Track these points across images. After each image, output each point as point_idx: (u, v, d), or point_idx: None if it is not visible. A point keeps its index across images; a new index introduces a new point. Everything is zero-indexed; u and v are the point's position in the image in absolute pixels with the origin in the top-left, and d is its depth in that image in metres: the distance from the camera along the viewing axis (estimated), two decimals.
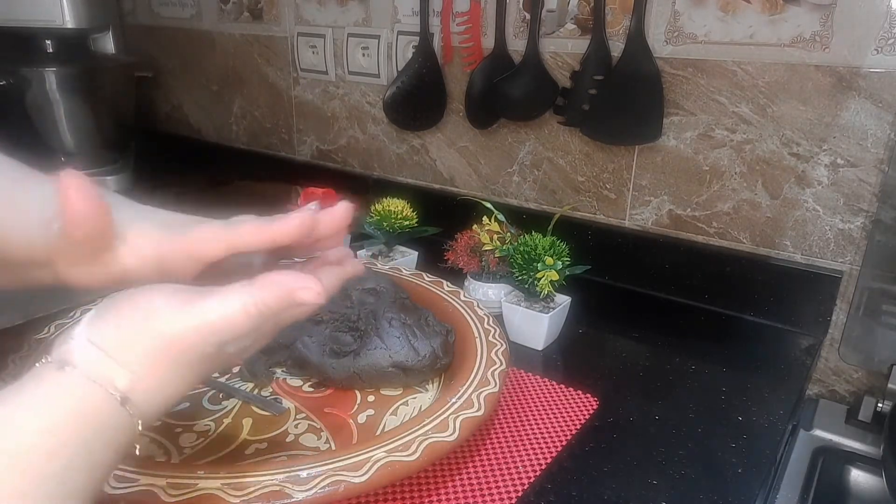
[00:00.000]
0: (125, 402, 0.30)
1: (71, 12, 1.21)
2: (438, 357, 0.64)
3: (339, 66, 1.22)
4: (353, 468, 0.46)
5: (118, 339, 0.31)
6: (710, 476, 0.57)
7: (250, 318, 0.33)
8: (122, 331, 0.31)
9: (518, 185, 1.07)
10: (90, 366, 0.30)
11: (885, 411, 0.75)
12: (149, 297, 0.33)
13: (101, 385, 0.30)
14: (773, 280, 0.86)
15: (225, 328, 0.32)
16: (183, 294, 0.33)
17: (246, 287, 0.33)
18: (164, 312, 0.32)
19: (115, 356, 0.30)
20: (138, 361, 0.31)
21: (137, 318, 0.32)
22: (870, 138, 0.77)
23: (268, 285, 0.33)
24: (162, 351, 0.31)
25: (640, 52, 0.87)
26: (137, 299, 0.33)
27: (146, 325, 0.31)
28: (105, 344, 0.31)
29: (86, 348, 0.30)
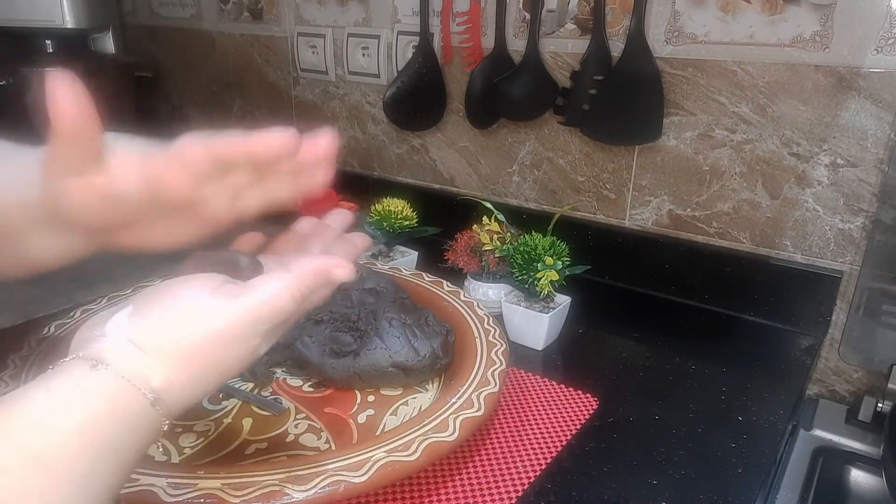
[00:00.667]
0: (157, 402, 0.30)
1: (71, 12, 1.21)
2: (438, 357, 0.64)
3: (339, 66, 1.22)
4: (353, 468, 0.46)
5: (156, 336, 0.30)
6: (710, 476, 0.57)
7: (295, 301, 0.33)
8: (162, 327, 0.30)
9: (518, 185, 1.07)
10: (126, 365, 0.29)
11: (885, 411, 0.75)
12: (189, 289, 0.32)
13: (136, 385, 0.29)
14: (773, 280, 0.86)
15: (272, 314, 0.32)
16: (225, 285, 0.33)
17: (286, 273, 0.34)
18: (209, 305, 0.31)
19: (153, 354, 0.30)
20: (175, 359, 0.30)
21: (179, 312, 0.31)
22: (870, 138, 0.77)
23: (306, 268, 0.34)
24: (204, 346, 0.31)
25: (640, 52, 0.87)
26: (177, 291, 0.32)
27: (189, 320, 0.31)
28: (144, 341, 0.30)
29: (122, 346, 0.30)
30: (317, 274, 0.34)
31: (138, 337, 0.30)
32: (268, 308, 0.32)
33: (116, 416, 0.28)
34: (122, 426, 0.28)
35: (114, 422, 0.28)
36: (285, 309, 0.33)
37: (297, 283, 0.33)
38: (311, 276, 0.34)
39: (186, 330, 0.31)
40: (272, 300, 0.32)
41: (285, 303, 0.33)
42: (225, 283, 0.33)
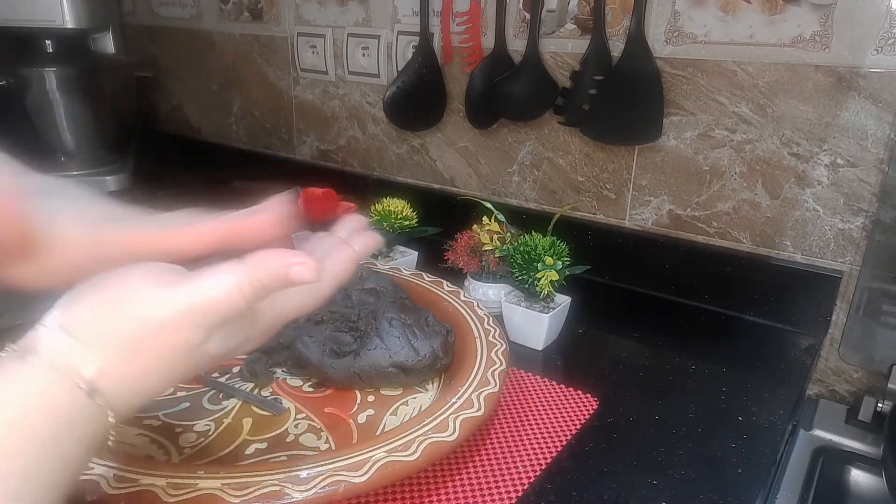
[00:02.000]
0: (93, 392, 0.27)
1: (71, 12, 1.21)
2: (438, 357, 0.64)
3: (339, 66, 1.22)
4: (353, 468, 0.46)
5: (91, 324, 0.28)
6: (710, 476, 0.57)
7: (244, 296, 0.30)
8: (98, 314, 0.28)
9: (518, 185, 1.07)
10: (55, 354, 0.27)
11: (885, 411, 0.75)
12: (131, 277, 0.29)
13: (66, 374, 0.27)
14: (773, 280, 0.86)
15: (216, 309, 0.30)
16: (170, 274, 0.30)
17: (238, 264, 0.30)
18: (148, 293, 0.29)
19: (84, 341, 0.28)
20: (112, 348, 0.28)
21: (117, 300, 0.29)
22: (870, 138, 0.77)
23: (260, 262, 0.31)
24: (142, 336, 0.28)
25: (640, 52, 0.87)
26: (119, 279, 0.30)
27: (127, 307, 0.28)
28: (76, 329, 0.28)
29: (54, 334, 0.28)
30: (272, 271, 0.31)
31: (70, 324, 0.28)
32: (213, 302, 0.29)
33: (50, 408, 0.26)
34: (59, 419, 0.27)
35: (48, 415, 0.26)
36: (232, 304, 0.30)
37: (249, 278, 0.30)
38: (266, 273, 0.30)
39: (123, 318, 0.28)
40: (218, 293, 0.29)
41: (231, 298, 0.30)
42: (170, 272, 0.30)
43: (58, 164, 1.34)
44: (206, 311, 0.29)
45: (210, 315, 0.30)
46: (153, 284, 0.29)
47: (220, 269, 0.30)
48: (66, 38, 1.29)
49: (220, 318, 0.30)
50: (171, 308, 0.29)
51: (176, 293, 0.29)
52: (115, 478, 0.43)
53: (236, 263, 0.30)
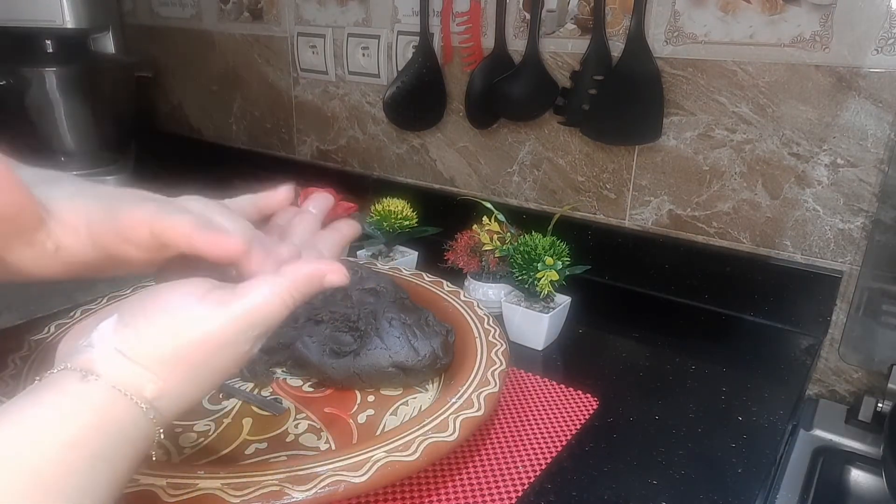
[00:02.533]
0: (150, 410, 0.29)
1: (71, 12, 1.21)
2: (438, 357, 0.64)
3: (339, 66, 1.22)
4: (353, 468, 0.46)
5: (145, 345, 0.30)
6: (710, 476, 0.57)
7: (287, 307, 0.33)
8: (150, 335, 0.30)
9: (518, 185, 1.07)
10: (117, 375, 0.29)
11: (885, 411, 0.75)
12: (176, 295, 0.31)
13: (127, 395, 0.29)
14: (773, 280, 0.86)
15: (263, 320, 0.32)
16: (216, 291, 0.32)
17: (278, 278, 0.33)
18: (200, 313, 0.31)
19: (143, 363, 0.29)
20: (166, 367, 0.30)
21: (166, 320, 0.30)
22: (870, 138, 0.77)
23: (299, 272, 0.34)
24: (199, 356, 0.30)
25: (640, 52, 0.87)
26: (164, 298, 0.31)
27: (175, 327, 0.30)
28: (132, 351, 0.29)
29: (111, 356, 0.29)
30: (309, 279, 0.34)
31: (126, 346, 0.29)
32: (258, 315, 0.32)
33: (110, 427, 0.28)
34: (116, 437, 0.28)
35: (107, 433, 0.28)
36: (276, 315, 0.33)
37: (289, 289, 0.33)
38: (304, 282, 0.34)
39: (175, 338, 0.30)
40: (262, 307, 0.32)
41: (276, 309, 0.32)
42: (213, 288, 0.32)
43: (58, 164, 1.34)
44: (255, 325, 0.32)
45: (258, 327, 0.32)
46: (203, 303, 0.31)
47: (260, 283, 0.33)
48: (66, 38, 1.29)
49: (266, 329, 0.32)
50: (225, 327, 0.31)
51: (226, 311, 0.31)
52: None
53: (275, 275, 0.33)
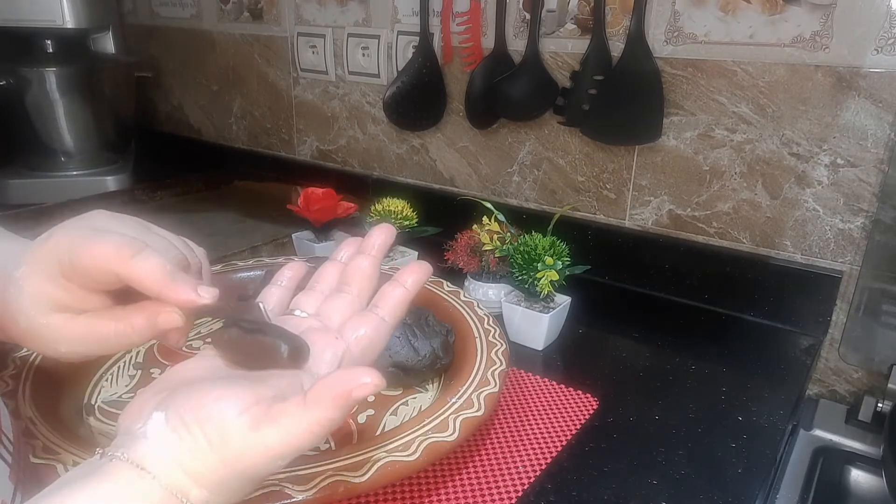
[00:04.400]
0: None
1: (71, 12, 1.21)
2: (438, 357, 0.64)
3: (339, 66, 1.22)
4: (353, 468, 0.46)
5: (194, 460, 0.31)
6: (710, 476, 0.57)
7: (315, 436, 0.33)
8: (196, 444, 0.31)
9: (518, 185, 1.07)
10: (169, 478, 0.31)
11: (885, 411, 0.75)
12: (224, 403, 0.32)
13: (177, 498, 0.31)
14: (773, 280, 0.86)
15: (291, 452, 0.33)
16: (256, 406, 0.33)
17: (304, 408, 0.33)
18: (236, 432, 0.32)
19: (191, 473, 0.31)
20: (211, 479, 0.32)
21: (210, 429, 0.32)
22: (870, 138, 0.77)
23: (325, 398, 0.33)
24: (232, 471, 0.32)
25: (640, 52, 0.87)
26: (212, 402, 0.32)
27: (220, 444, 0.32)
28: (181, 457, 0.31)
29: (165, 460, 0.31)
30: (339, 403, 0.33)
31: (178, 456, 0.31)
32: (288, 447, 0.32)
33: None
34: None
35: None
36: (307, 445, 0.33)
37: (318, 420, 0.32)
38: (333, 409, 0.33)
39: (217, 454, 0.32)
40: (294, 439, 0.32)
41: (304, 441, 0.33)
42: (256, 402, 0.33)
43: (58, 164, 1.34)
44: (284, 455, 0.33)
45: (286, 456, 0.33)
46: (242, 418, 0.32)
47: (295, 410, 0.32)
48: (66, 38, 1.29)
49: (294, 455, 0.33)
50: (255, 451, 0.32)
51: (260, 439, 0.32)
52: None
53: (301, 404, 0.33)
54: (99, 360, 0.67)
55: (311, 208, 0.95)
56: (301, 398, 0.33)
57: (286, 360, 0.35)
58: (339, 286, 0.42)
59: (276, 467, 0.33)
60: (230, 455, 0.32)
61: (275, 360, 0.35)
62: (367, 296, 0.41)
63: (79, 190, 1.31)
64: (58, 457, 0.45)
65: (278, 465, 0.33)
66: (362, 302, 0.41)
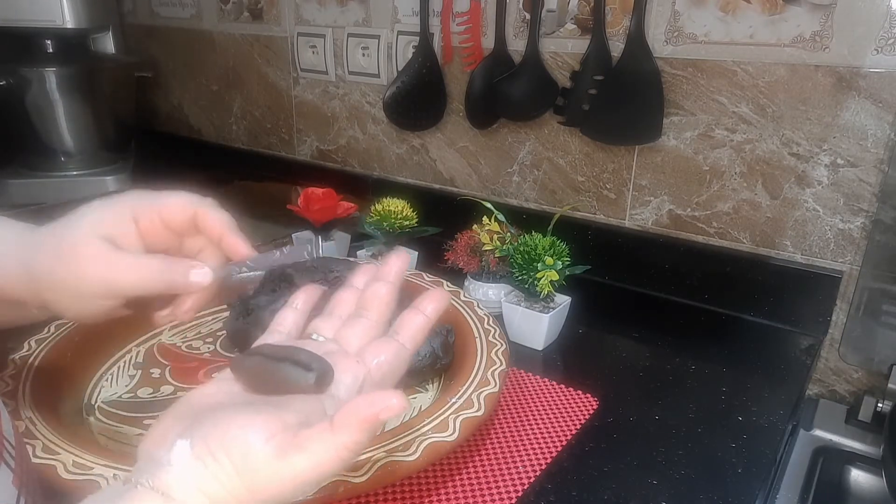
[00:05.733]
0: None
1: (71, 12, 1.21)
2: (438, 357, 0.64)
3: (339, 66, 1.22)
4: (353, 468, 0.46)
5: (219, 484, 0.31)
6: (710, 476, 0.57)
7: (343, 462, 0.32)
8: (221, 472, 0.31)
9: (518, 185, 1.07)
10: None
11: (885, 411, 0.75)
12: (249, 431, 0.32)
13: None
14: (773, 280, 0.86)
15: (319, 478, 0.33)
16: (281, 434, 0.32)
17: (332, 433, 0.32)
18: (263, 460, 0.32)
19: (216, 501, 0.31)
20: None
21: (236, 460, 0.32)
22: (870, 138, 0.77)
23: (352, 422, 0.32)
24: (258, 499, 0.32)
25: (640, 52, 0.87)
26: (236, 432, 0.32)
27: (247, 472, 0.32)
28: (206, 486, 0.31)
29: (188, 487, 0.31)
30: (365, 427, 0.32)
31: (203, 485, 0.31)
32: (315, 474, 0.32)
33: None
34: None
35: None
36: (333, 470, 0.33)
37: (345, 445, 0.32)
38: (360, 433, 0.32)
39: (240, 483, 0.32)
40: (320, 466, 0.32)
41: (332, 467, 0.32)
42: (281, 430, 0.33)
43: (58, 164, 1.34)
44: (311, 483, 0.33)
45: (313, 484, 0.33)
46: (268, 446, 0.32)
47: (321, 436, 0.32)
48: (66, 38, 1.29)
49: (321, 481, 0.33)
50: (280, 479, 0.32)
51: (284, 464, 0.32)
52: (115, 478, 0.43)
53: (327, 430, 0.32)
54: (99, 360, 0.67)
55: (311, 208, 0.95)
56: (327, 424, 0.32)
57: (312, 386, 0.35)
58: (358, 311, 0.41)
59: (303, 494, 0.33)
60: (258, 483, 0.32)
61: (299, 387, 0.35)
62: (385, 321, 0.41)
63: (79, 190, 1.31)
64: (58, 457, 0.45)
65: (306, 491, 0.33)
66: (381, 327, 0.41)
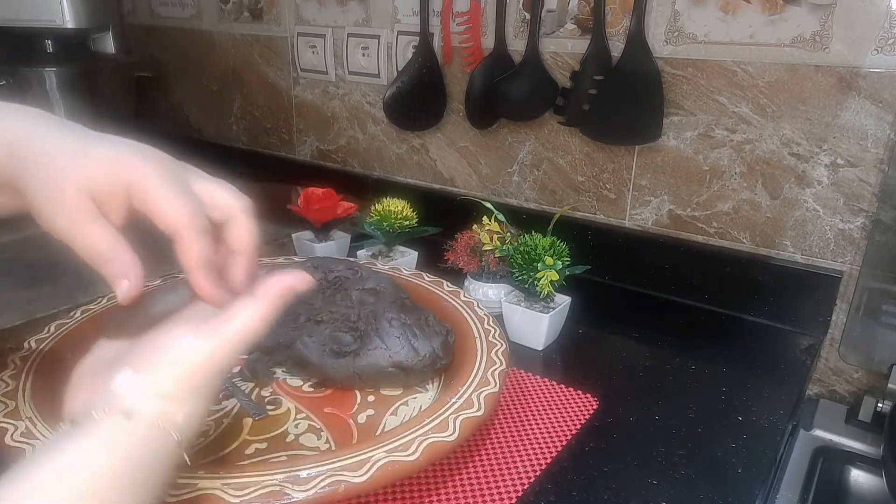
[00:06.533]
0: (178, 435, 0.36)
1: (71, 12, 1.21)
2: (438, 357, 0.64)
3: (339, 66, 1.22)
4: (353, 468, 0.46)
5: (167, 384, 0.35)
6: (710, 476, 0.57)
7: (266, 324, 0.38)
8: (168, 375, 0.36)
9: (518, 185, 1.07)
10: (153, 413, 0.35)
11: (885, 411, 0.75)
12: (176, 336, 0.37)
13: (164, 428, 0.35)
14: (773, 280, 0.86)
15: (248, 340, 0.38)
16: (204, 322, 0.37)
17: (254, 300, 0.38)
18: (193, 344, 0.36)
19: (171, 399, 0.35)
20: (189, 399, 0.36)
21: (175, 357, 0.36)
22: (870, 138, 0.77)
23: (271, 291, 0.39)
24: (200, 379, 0.36)
25: (640, 52, 0.87)
26: (167, 341, 0.37)
27: (185, 362, 0.36)
28: (155, 388, 0.35)
29: (139, 398, 0.35)
30: (283, 294, 0.39)
31: (155, 390, 0.35)
32: (245, 336, 0.38)
33: (151, 453, 0.35)
34: (155, 462, 0.35)
35: (149, 459, 0.35)
36: (259, 333, 0.38)
37: (266, 307, 0.38)
38: (279, 298, 0.39)
39: (187, 371, 0.36)
40: (248, 329, 0.38)
41: (259, 328, 0.38)
42: (204, 320, 0.37)
43: None
44: (240, 344, 0.38)
45: (246, 346, 0.38)
46: (199, 336, 0.37)
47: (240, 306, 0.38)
48: (66, 38, 1.29)
49: (250, 344, 0.38)
50: (218, 353, 0.37)
51: (220, 337, 0.37)
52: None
53: (251, 298, 0.38)
54: None
55: (311, 208, 0.95)
56: (251, 297, 0.38)
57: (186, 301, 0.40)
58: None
59: (237, 356, 0.38)
60: (199, 360, 0.36)
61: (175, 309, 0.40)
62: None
63: None
64: None
65: (239, 352, 0.38)
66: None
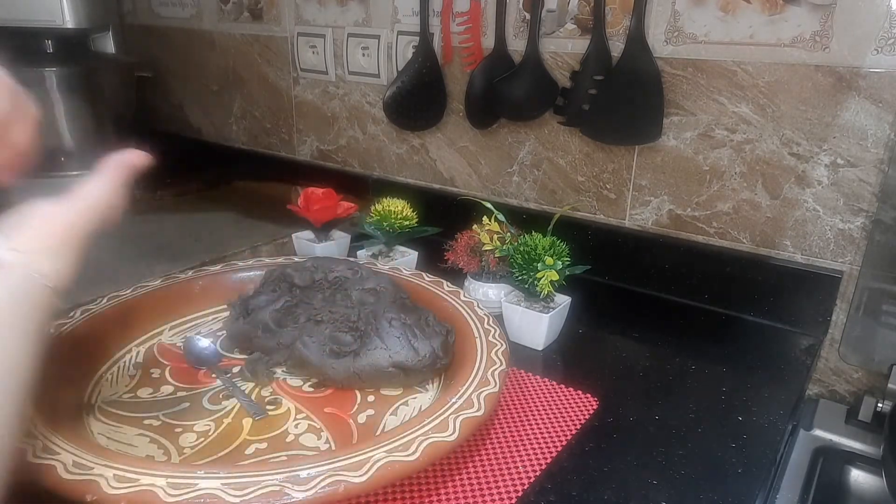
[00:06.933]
0: (48, 282, 0.41)
1: (71, 12, 1.21)
2: (438, 357, 0.64)
3: (339, 66, 1.22)
4: (353, 468, 0.46)
5: (37, 240, 0.42)
6: (710, 476, 0.57)
7: (112, 191, 0.47)
8: (37, 233, 0.42)
9: (518, 185, 1.07)
10: (23, 263, 0.40)
11: (885, 411, 0.75)
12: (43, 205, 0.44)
13: (34, 274, 0.40)
14: (773, 280, 0.86)
15: (99, 205, 0.46)
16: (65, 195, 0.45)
17: (99, 173, 0.48)
18: (52, 209, 0.44)
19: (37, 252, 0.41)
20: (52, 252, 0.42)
21: (37, 222, 0.43)
22: (870, 138, 0.77)
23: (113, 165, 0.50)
24: (62, 236, 0.43)
25: (640, 52, 0.87)
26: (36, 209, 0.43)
27: (50, 223, 0.43)
28: (21, 243, 0.41)
29: (12, 252, 0.40)
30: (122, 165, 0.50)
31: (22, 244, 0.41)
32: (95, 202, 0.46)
33: (23, 297, 0.40)
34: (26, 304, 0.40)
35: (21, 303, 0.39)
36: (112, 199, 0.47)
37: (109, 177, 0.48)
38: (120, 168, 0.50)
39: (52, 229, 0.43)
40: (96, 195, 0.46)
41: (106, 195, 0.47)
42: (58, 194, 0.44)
43: (58, 164, 1.34)
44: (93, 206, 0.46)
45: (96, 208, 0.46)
46: (61, 204, 0.44)
47: (87, 180, 0.47)
48: (66, 38, 1.29)
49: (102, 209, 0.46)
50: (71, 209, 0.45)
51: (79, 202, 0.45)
52: (115, 478, 0.43)
53: (95, 175, 0.48)
54: (99, 360, 0.68)
55: (311, 208, 0.95)
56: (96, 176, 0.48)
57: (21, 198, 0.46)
58: None
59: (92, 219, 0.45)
60: (58, 220, 0.43)
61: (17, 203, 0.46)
62: None
63: None
64: (58, 457, 0.45)
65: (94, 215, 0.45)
66: None
